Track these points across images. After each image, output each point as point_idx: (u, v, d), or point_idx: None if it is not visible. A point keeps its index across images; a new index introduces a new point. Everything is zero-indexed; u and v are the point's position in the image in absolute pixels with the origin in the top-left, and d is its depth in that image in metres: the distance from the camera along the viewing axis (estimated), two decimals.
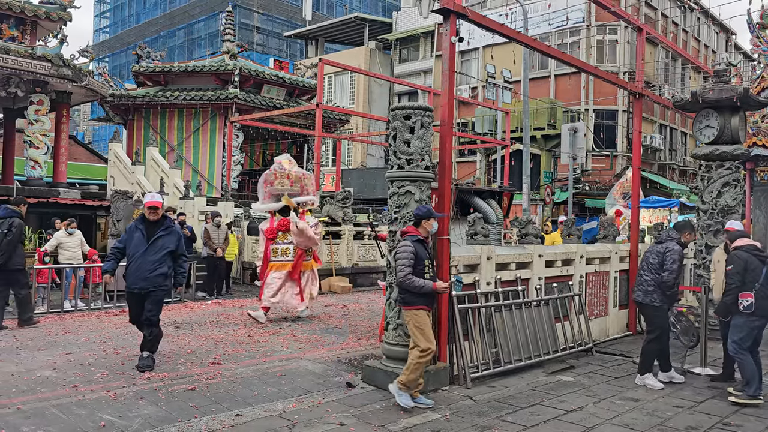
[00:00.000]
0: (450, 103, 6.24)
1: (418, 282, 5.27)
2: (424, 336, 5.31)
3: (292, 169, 9.85)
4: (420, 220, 5.50)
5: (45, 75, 14.51)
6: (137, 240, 6.28)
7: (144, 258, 6.23)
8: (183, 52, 45.89)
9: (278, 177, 9.66)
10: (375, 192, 25.79)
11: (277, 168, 9.74)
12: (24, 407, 4.95)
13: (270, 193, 9.73)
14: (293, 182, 9.77)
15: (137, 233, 6.31)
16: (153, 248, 6.25)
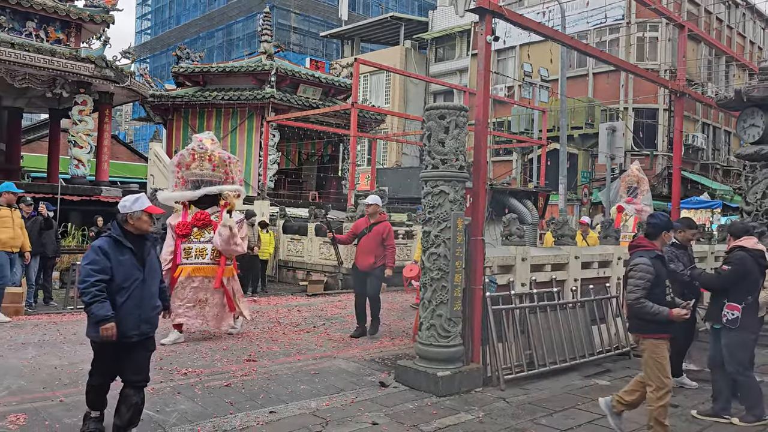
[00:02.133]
0: (485, 102, 6.20)
1: (652, 308, 4.40)
2: (662, 372, 4.51)
3: (216, 150, 7.91)
4: (659, 231, 4.67)
5: (88, 76, 14.90)
6: (128, 265, 4.13)
7: (143, 290, 4.19)
8: (221, 52, 46.62)
9: (197, 159, 7.76)
10: (410, 191, 25.76)
11: (197, 147, 7.81)
12: (66, 400, 5.11)
13: (185, 179, 7.84)
14: (216, 166, 7.86)
15: (125, 255, 4.13)
16: (150, 273, 4.27)
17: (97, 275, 4.00)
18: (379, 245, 7.94)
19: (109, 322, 3.96)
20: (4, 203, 8.69)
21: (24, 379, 5.66)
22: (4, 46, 13.49)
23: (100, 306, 3.97)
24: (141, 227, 4.22)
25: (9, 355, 6.51)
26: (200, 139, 7.95)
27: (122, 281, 4.09)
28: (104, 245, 4.12)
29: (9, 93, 17.40)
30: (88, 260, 4.07)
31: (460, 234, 5.88)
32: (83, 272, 4.03)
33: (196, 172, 7.78)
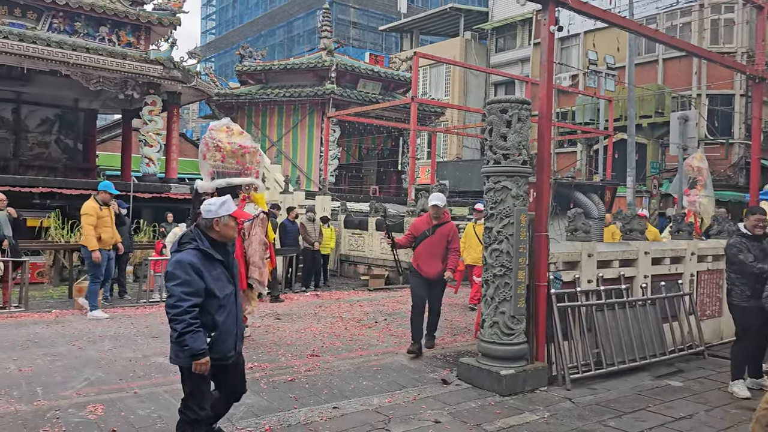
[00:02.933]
0: (549, 95, 6.04)
1: None
2: None
3: (228, 140, 7.26)
4: None
5: (157, 77, 15.44)
6: (223, 279, 3.70)
7: (237, 304, 3.84)
8: (283, 49, 47.42)
9: (210, 149, 7.18)
10: (471, 184, 25.49)
11: (208, 138, 7.25)
12: (140, 391, 5.32)
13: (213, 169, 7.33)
14: (225, 157, 7.21)
15: (217, 268, 3.68)
16: (239, 286, 3.96)
17: (190, 299, 3.44)
18: (444, 249, 6.97)
19: (204, 356, 3.49)
20: (101, 201, 8.98)
21: (101, 371, 5.93)
22: (80, 51, 14.14)
23: (195, 337, 3.43)
24: (227, 234, 3.69)
25: (88, 347, 6.83)
26: (210, 128, 7.31)
27: (219, 299, 3.61)
28: (194, 261, 3.52)
29: (85, 96, 18.28)
30: (179, 280, 3.46)
31: (523, 230, 5.76)
32: (174, 295, 3.45)
33: (211, 163, 7.25)
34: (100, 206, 8.86)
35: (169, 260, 3.65)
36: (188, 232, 3.71)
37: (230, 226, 3.72)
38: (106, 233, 8.87)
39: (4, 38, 13.09)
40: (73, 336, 7.40)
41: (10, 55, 13.31)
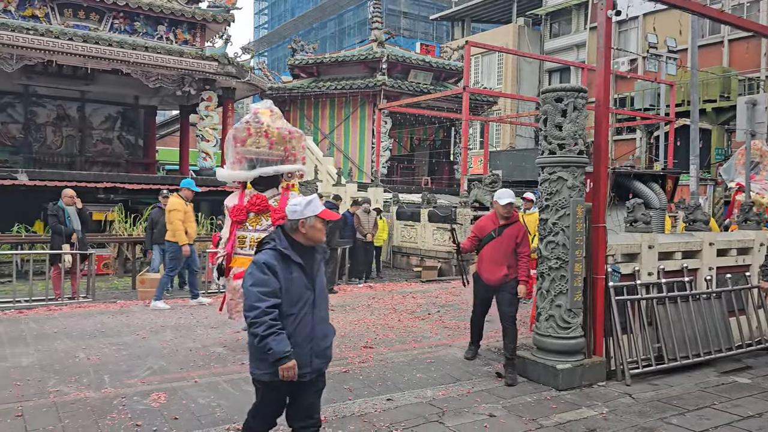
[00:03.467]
0: (606, 82, 5.86)
1: None
2: None
3: (275, 125, 6.66)
4: None
5: (213, 73, 15.78)
6: (298, 284, 3.33)
7: (314, 315, 3.39)
8: (334, 42, 47.69)
9: (253, 134, 6.56)
10: (525, 174, 25.07)
11: (252, 121, 6.61)
12: (200, 381, 5.48)
13: (243, 156, 6.67)
14: (273, 143, 6.61)
15: (294, 272, 3.32)
16: (320, 294, 3.46)
17: (268, 299, 3.18)
18: (512, 252, 5.96)
19: (290, 359, 3.17)
20: (184, 198, 9.41)
21: (164, 360, 6.14)
22: (140, 50, 14.59)
23: (278, 339, 3.15)
24: (314, 236, 3.37)
25: (150, 338, 7.08)
26: (256, 111, 6.70)
27: (291, 305, 3.28)
28: (271, 261, 3.26)
29: (145, 93, 18.87)
30: (254, 280, 3.23)
31: (579, 221, 5.63)
32: (251, 296, 3.20)
33: (251, 150, 6.57)
34: (185, 202, 9.39)
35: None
36: (271, 234, 3.47)
37: (317, 228, 3.36)
38: (191, 228, 9.46)
39: (69, 40, 13.63)
40: (136, 326, 7.68)
41: (76, 56, 13.85)
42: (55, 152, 18.84)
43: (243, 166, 6.65)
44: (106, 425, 4.39)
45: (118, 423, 4.44)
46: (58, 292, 9.36)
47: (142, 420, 4.51)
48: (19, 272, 10.03)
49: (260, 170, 6.58)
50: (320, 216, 3.36)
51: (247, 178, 6.66)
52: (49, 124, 18.81)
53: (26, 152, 18.16)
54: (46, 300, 9.12)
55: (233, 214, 6.59)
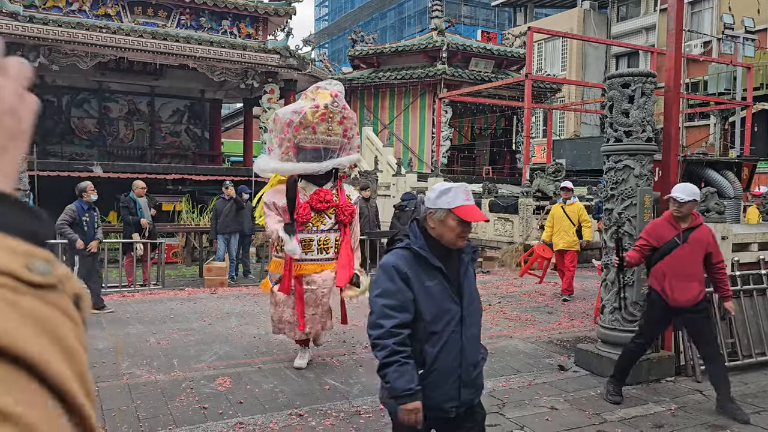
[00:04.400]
0: (677, 66, 5.62)
1: None
2: None
3: (340, 104, 5.56)
4: None
5: (275, 66, 16.06)
6: (439, 295, 2.55)
7: (463, 335, 2.59)
8: (394, 32, 47.61)
9: (327, 120, 5.50)
10: (590, 163, 24.41)
11: (331, 105, 5.50)
12: (263, 367, 5.62)
13: (298, 144, 5.52)
14: (348, 130, 5.66)
15: (433, 279, 2.56)
16: (470, 308, 2.64)
17: (395, 316, 2.46)
18: (700, 264, 4.82)
19: (413, 399, 2.38)
20: None
21: (229, 346, 6.33)
22: (205, 45, 15.00)
23: (401, 371, 2.40)
24: (443, 236, 2.54)
25: (216, 324, 7.32)
26: (336, 94, 5.56)
27: (432, 322, 2.51)
28: (400, 264, 2.52)
29: (210, 86, 19.41)
30: (380, 289, 2.52)
31: (647, 211, 5.43)
32: (376, 310, 2.51)
33: (321, 138, 5.50)
34: None
35: None
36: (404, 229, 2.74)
37: (449, 226, 2.51)
38: None
39: (139, 37, 14.15)
40: (203, 313, 7.95)
41: (145, 52, 14.38)
42: (127, 145, 19.66)
43: (304, 156, 5.48)
44: (175, 407, 4.57)
45: (186, 405, 4.61)
46: (131, 279, 9.80)
47: (208, 403, 4.67)
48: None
49: (335, 161, 5.54)
50: (455, 213, 2.50)
51: (320, 171, 5.51)
52: (121, 119, 19.64)
53: (101, 146, 19.04)
54: (120, 287, 9.56)
55: (301, 215, 5.47)
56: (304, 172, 5.55)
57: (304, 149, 5.53)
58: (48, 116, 18.34)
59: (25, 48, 13.39)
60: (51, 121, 18.43)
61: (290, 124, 5.45)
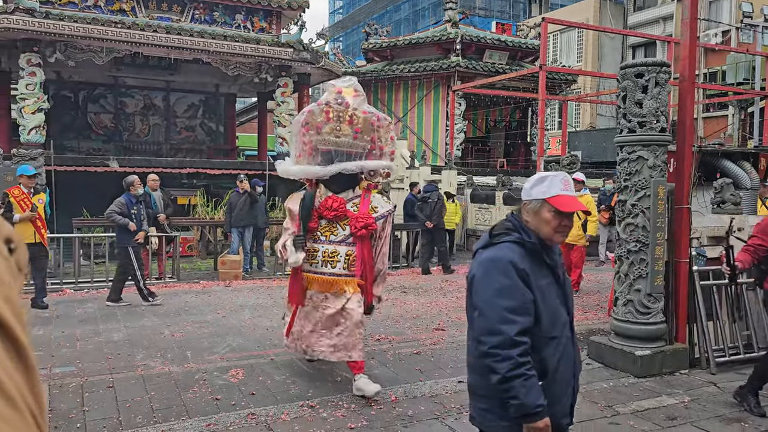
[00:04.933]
0: (691, 56, 5.54)
1: None
2: None
3: (361, 108, 5.06)
4: None
5: (288, 60, 16.07)
6: (552, 294, 2.27)
7: (574, 340, 2.38)
8: (408, 24, 47.39)
9: (333, 119, 4.99)
10: (606, 155, 24.15)
11: (334, 103, 5.02)
12: (276, 359, 5.66)
13: (313, 146, 5.11)
14: (359, 131, 5.02)
15: (545, 277, 2.27)
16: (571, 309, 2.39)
17: (517, 320, 2.10)
18: None
19: (542, 417, 2.07)
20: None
21: (242, 338, 6.38)
22: (219, 39, 15.05)
23: (528, 385, 2.06)
24: (539, 229, 2.26)
25: (230, 316, 7.38)
26: (339, 90, 5.08)
27: (552, 326, 2.22)
28: (516, 259, 2.18)
29: (225, 81, 19.49)
30: (497, 287, 2.14)
31: (661, 202, 5.38)
32: (492, 314, 2.11)
33: (329, 139, 4.99)
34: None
35: (475, 262, 2.30)
36: (502, 221, 2.37)
37: (545, 218, 2.24)
38: None
39: (153, 31, 14.23)
40: (217, 305, 8.01)
41: (160, 47, 14.47)
42: (143, 140, 19.82)
43: (315, 159, 5.06)
44: (188, 398, 4.62)
45: (199, 396, 4.66)
46: (146, 273, 9.89)
47: (221, 394, 4.71)
48: (111, 254, 10.66)
49: (340, 166, 4.95)
50: (551, 203, 2.22)
51: (324, 175, 4.98)
52: (137, 114, 19.79)
53: (117, 140, 19.21)
54: None
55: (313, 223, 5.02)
56: (306, 176, 5.13)
57: (319, 152, 5.06)
58: (65, 112, 18.55)
59: (42, 44, 13.53)
60: (68, 116, 18.64)
61: (303, 124, 5.09)
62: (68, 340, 6.23)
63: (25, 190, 7.56)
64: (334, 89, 5.13)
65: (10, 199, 7.43)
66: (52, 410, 4.33)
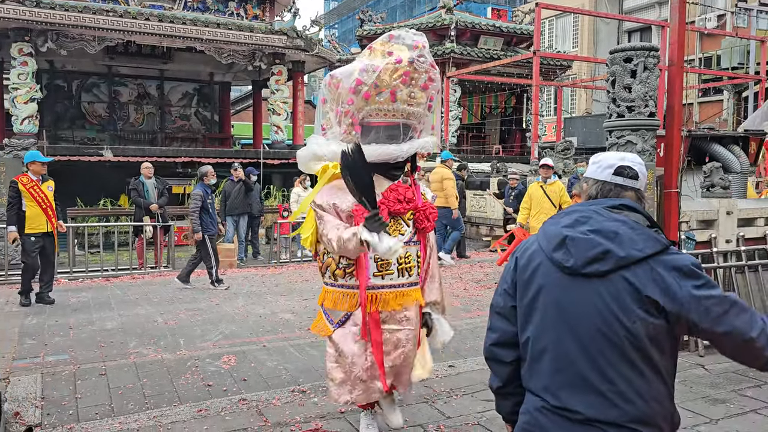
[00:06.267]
0: (680, 40, 5.54)
1: None
2: None
3: (428, 60, 3.56)
4: None
5: (282, 47, 16.02)
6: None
7: None
8: (404, 11, 47.10)
9: (409, 82, 3.48)
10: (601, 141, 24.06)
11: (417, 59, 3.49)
12: (268, 345, 5.70)
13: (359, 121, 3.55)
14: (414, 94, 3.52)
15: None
16: None
17: None
18: None
19: None
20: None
21: (235, 325, 6.42)
22: (212, 27, 14.98)
23: None
24: None
25: (223, 304, 7.41)
26: (424, 45, 3.56)
27: None
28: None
29: (219, 69, 19.43)
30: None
31: (649, 186, 5.40)
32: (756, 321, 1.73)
33: (401, 108, 3.50)
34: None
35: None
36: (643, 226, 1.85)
37: None
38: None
39: (145, 20, 14.15)
40: (211, 293, 8.05)
41: (152, 35, 14.39)
42: (137, 129, 19.77)
43: (375, 137, 3.48)
44: (180, 385, 4.66)
45: (191, 383, 4.70)
46: (141, 262, 9.93)
47: (213, 381, 4.75)
48: (106, 243, 10.68)
49: (417, 143, 3.58)
50: None
51: (397, 157, 3.47)
52: (131, 103, 19.73)
53: (111, 130, 19.16)
54: (131, 269, 9.69)
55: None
56: (379, 159, 3.42)
57: (371, 127, 3.52)
58: (58, 101, 18.47)
59: (33, 33, 13.46)
60: (61, 106, 18.57)
61: (357, 90, 3.42)
62: (61, 328, 6.26)
63: (33, 177, 7.18)
64: (412, 42, 3.53)
65: (19, 187, 7.07)
66: (45, 398, 4.36)
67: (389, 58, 3.51)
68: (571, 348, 1.72)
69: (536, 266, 1.84)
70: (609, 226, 1.73)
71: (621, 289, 1.67)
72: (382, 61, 3.51)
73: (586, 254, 1.71)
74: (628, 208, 1.80)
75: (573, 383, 1.71)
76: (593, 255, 1.70)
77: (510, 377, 1.96)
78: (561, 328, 1.74)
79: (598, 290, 1.69)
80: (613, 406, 1.67)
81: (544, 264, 1.81)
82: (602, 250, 1.69)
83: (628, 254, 1.67)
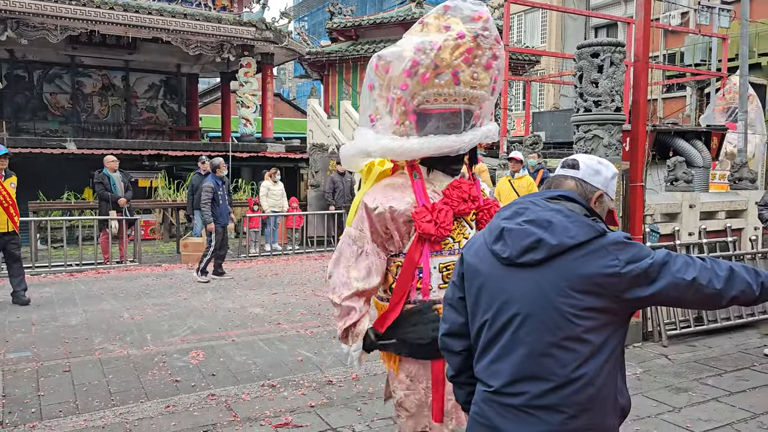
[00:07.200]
0: (645, 36, 5.64)
1: None
2: None
3: (493, 34, 2.79)
4: None
5: (251, 39, 15.82)
6: None
7: None
8: (374, 3, 46.94)
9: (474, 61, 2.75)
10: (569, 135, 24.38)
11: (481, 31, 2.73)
12: (237, 339, 5.65)
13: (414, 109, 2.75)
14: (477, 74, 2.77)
15: None
16: None
17: None
18: None
19: None
20: None
21: (203, 320, 6.35)
22: (179, 17, 14.71)
23: None
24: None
25: (191, 298, 7.32)
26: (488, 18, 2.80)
27: None
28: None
29: (186, 61, 19.10)
30: None
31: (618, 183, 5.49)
32: None
33: (464, 92, 2.80)
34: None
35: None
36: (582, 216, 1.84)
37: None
38: None
39: (110, 9, 13.83)
40: (179, 288, 7.94)
41: (117, 25, 14.07)
42: (102, 121, 19.34)
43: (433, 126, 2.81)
44: (147, 380, 4.59)
45: (158, 378, 4.64)
46: (107, 256, 9.73)
47: (181, 376, 4.69)
48: (70, 237, 10.44)
49: (481, 132, 2.93)
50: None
51: (459, 149, 2.83)
52: (96, 94, 19.28)
53: (75, 122, 18.70)
54: (96, 264, 9.50)
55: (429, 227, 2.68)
56: (440, 153, 2.83)
57: (428, 115, 2.84)
58: (19, 92, 17.96)
59: None
60: (22, 96, 18.06)
61: (413, 73, 2.75)
62: (23, 325, 6.11)
63: None
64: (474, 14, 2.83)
65: None
66: (6, 396, 4.25)
67: (448, 33, 2.86)
68: (515, 337, 1.73)
69: (480, 259, 1.86)
70: (544, 215, 1.74)
71: (556, 277, 1.68)
72: (440, 37, 2.84)
73: (521, 244, 1.72)
74: (567, 199, 1.82)
75: (516, 370, 1.73)
76: (527, 244, 1.72)
77: (461, 367, 1.97)
78: (503, 317, 1.76)
79: (534, 279, 1.71)
80: (553, 391, 1.68)
81: (487, 257, 1.83)
82: (535, 239, 1.70)
83: (560, 242, 1.68)
